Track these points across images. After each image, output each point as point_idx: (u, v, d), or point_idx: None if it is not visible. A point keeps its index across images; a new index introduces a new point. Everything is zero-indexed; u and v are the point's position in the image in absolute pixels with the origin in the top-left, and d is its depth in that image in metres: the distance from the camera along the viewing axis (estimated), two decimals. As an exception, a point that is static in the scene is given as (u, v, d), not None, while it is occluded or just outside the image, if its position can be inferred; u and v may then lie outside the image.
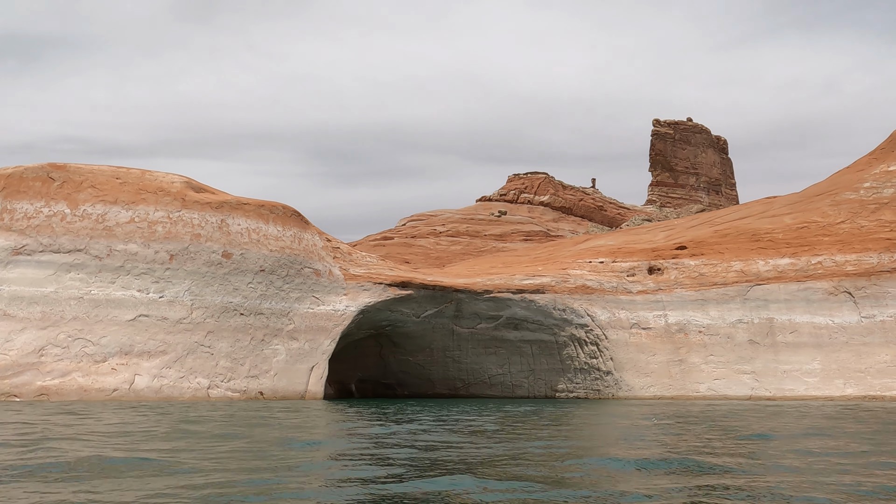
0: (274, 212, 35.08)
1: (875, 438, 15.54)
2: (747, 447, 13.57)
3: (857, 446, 13.58)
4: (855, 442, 14.46)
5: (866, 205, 43.24)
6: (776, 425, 19.08)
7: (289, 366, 32.70)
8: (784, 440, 15.07)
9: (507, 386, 40.73)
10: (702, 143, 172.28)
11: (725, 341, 39.98)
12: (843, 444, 14.06)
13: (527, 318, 39.41)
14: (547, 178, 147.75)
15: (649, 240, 47.22)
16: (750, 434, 16.23)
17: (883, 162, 45.41)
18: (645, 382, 39.34)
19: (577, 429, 18.15)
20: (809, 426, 18.83)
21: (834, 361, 38.72)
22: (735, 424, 19.26)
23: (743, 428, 18.05)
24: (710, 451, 12.69)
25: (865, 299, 39.67)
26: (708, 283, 41.87)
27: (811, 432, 16.94)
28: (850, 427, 18.45)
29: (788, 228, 43.77)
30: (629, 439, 15.14)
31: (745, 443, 14.48)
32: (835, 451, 12.57)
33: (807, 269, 41.17)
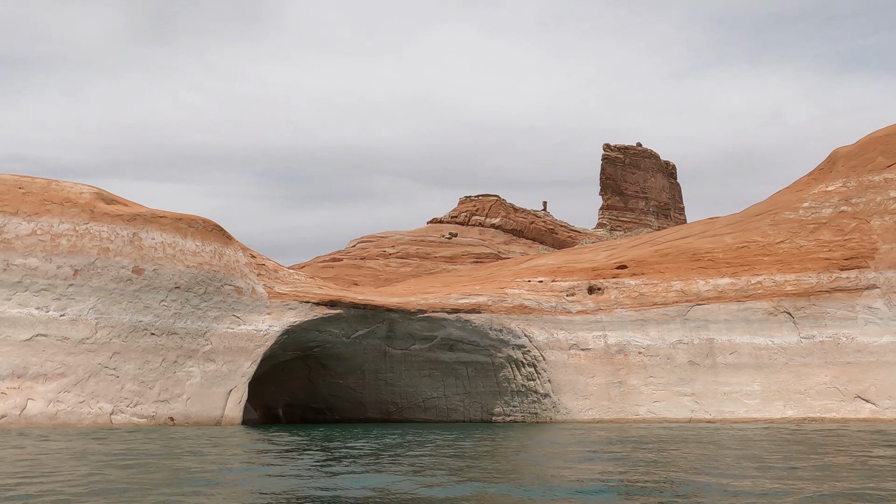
0: (193, 226, 33.15)
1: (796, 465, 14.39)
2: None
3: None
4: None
5: (805, 224, 42.96)
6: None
7: (204, 389, 30.63)
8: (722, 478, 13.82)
9: (441, 409, 39.10)
10: (651, 167, 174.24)
11: (665, 362, 39.03)
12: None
13: (462, 338, 37.96)
14: (498, 201, 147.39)
15: (590, 259, 46.31)
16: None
17: (822, 182, 45.30)
18: (583, 405, 38.11)
19: (501, 463, 16.68)
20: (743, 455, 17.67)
21: (774, 383, 38.01)
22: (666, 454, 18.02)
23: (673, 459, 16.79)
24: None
25: (805, 319, 39.15)
26: (648, 303, 40.99)
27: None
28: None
29: (728, 248, 43.23)
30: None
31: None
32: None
33: (747, 289, 40.58)
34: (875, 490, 10.73)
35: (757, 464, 14.42)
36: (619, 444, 19.60)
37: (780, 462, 15.11)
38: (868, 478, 12.30)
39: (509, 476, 12.19)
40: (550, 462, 14.52)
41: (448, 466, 13.29)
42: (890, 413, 35.95)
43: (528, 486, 10.20)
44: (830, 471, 13.19)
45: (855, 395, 36.94)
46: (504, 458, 15.84)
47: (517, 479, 11.57)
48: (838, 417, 36.47)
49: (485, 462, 14.78)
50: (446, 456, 15.49)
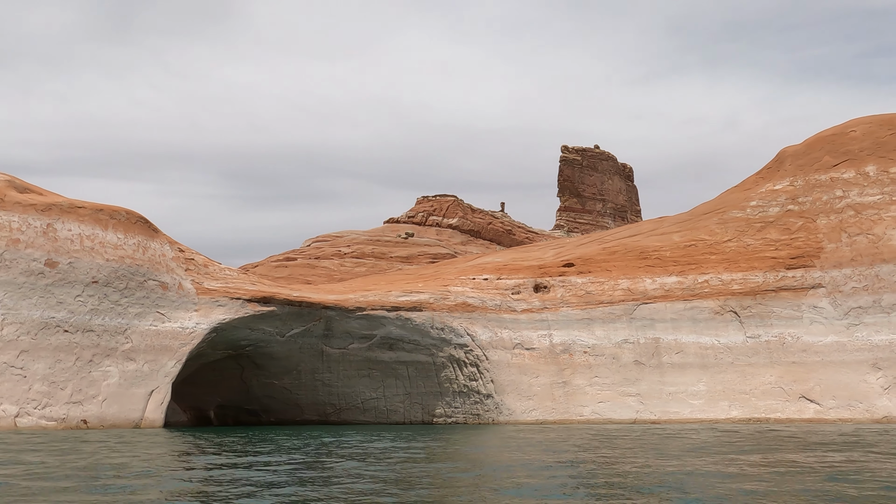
0: (115, 217, 31.36)
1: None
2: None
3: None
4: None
5: (753, 223, 42.56)
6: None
7: (122, 390, 28.88)
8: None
9: (381, 411, 37.77)
10: (608, 170, 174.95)
11: (611, 362, 38.22)
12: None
13: (403, 337, 36.68)
14: (456, 201, 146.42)
15: (538, 257, 45.39)
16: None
17: (769, 181, 44.99)
18: (527, 406, 37.09)
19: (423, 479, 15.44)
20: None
21: (719, 383, 37.42)
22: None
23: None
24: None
25: (751, 319, 38.66)
26: (595, 301, 40.17)
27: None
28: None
29: (676, 246, 42.64)
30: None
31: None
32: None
33: (694, 287, 39.99)
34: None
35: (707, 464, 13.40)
36: (563, 457, 18.54)
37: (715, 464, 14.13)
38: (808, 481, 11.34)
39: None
40: (490, 482, 13.29)
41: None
42: (834, 413, 35.57)
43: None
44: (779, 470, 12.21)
45: (800, 395, 36.52)
46: (435, 475, 14.62)
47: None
48: (783, 418, 36.00)
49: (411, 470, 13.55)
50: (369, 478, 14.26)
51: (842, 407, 35.56)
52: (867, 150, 42.88)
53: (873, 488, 10.63)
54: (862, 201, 40.69)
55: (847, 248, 39.25)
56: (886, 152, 42.24)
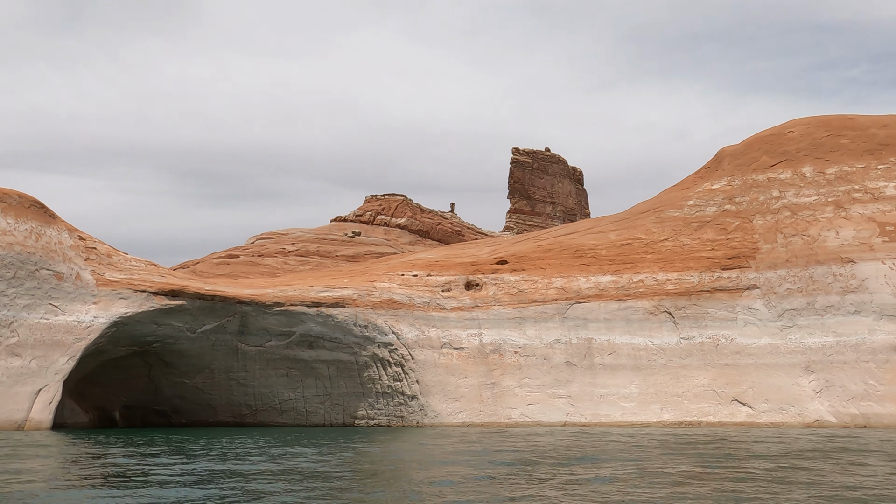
0: (5, 200, 28.90)
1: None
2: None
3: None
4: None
5: (690, 223, 41.70)
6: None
7: (4, 388, 26.48)
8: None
9: (300, 412, 35.81)
10: (559, 173, 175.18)
11: (542, 363, 36.88)
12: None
13: (324, 334, 34.80)
14: (405, 201, 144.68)
15: (472, 254, 43.92)
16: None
17: (707, 181, 44.25)
18: (453, 408, 35.52)
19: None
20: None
21: (652, 385, 36.35)
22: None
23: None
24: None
25: (685, 320, 37.71)
26: (527, 300, 38.82)
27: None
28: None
29: (612, 245, 41.56)
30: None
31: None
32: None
33: (628, 287, 38.91)
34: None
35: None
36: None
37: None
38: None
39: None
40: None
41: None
42: (766, 417, 34.73)
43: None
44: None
45: (732, 398, 35.63)
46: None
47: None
48: (715, 421, 35.05)
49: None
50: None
51: (774, 410, 34.76)
52: (804, 150, 42.40)
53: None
54: (798, 202, 40.12)
55: (782, 249, 38.60)
56: (823, 153, 41.79)
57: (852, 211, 38.60)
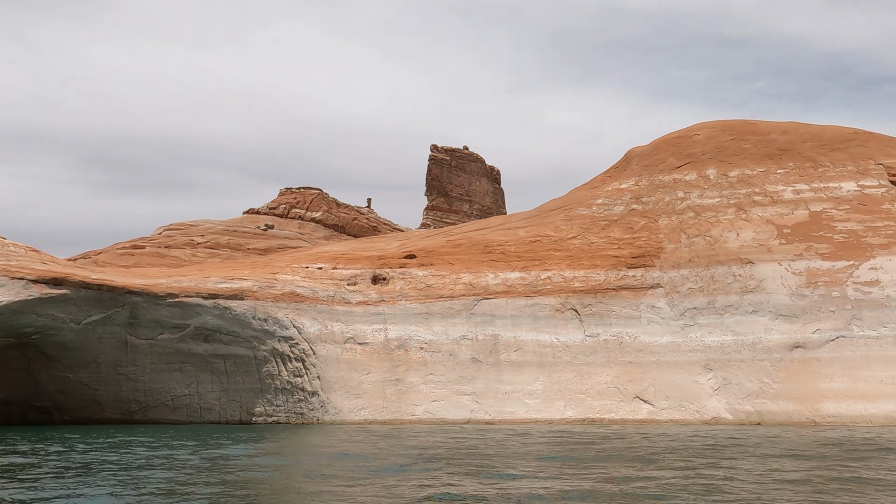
0: None
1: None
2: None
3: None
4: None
5: (597, 221, 41.97)
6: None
7: None
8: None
9: (194, 409, 34.18)
10: (476, 171, 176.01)
11: (447, 359, 36.35)
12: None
13: (220, 328, 33.29)
14: (320, 195, 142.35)
15: (380, 248, 43.04)
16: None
17: (616, 180, 44.70)
18: (355, 405, 34.58)
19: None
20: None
21: (556, 382, 36.32)
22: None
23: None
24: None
25: (591, 317, 37.84)
26: (435, 295, 38.23)
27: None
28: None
29: (521, 242, 41.42)
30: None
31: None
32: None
33: (536, 284, 38.80)
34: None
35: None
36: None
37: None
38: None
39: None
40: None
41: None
42: (666, 414, 35.14)
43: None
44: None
45: (634, 395, 35.91)
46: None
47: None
48: (617, 418, 35.26)
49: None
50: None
51: (673, 408, 35.20)
52: (709, 153, 43.29)
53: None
54: (702, 203, 40.89)
55: (686, 248, 39.22)
56: (726, 157, 42.76)
57: (752, 213, 39.57)
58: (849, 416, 32.18)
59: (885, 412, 31.88)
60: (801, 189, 40.08)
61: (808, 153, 41.81)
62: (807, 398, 33.33)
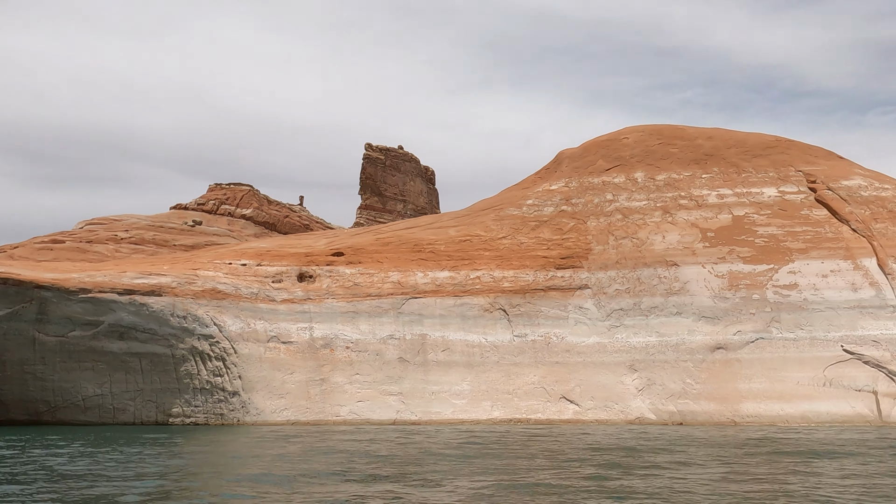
0: None
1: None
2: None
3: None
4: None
5: (528, 221, 42.00)
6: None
7: None
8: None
9: (107, 410, 32.71)
10: (411, 171, 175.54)
11: (374, 358, 35.76)
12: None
13: (136, 325, 31.94)
14: (251, 191, 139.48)
15: (308, 245, 42.13)
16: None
17: (547, 181, 44.86)
18: (278, 405, 33.67)
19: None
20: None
21: (483, 382, 36.13)
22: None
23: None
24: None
25: (519, 318, 37.79)
26: (362, 293, 37.58)
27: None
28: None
29: (451, 241, 41.12)
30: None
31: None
32: None
33: (465, 283, 38.55)
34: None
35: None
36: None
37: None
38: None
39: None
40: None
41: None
42: (591, 414, 35.32)
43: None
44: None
45: (560, 395, 35.99)
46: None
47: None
48: (543, 419, 35.28)
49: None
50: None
51: (599, 408, 35.41)
52: (637, 157, 43.84)
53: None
54: (629, 206, 41.34)
55: (613, 250, 39.57)
56: (654, 160, 43.36)
57: (678, 217, 40.20)
58: (767, 416, 32.90)
59: (801, 412, 32.71)
60: (725, 194, 40.92)
61: (732, 159, 42.73)
62: (727, 398, 33.96)
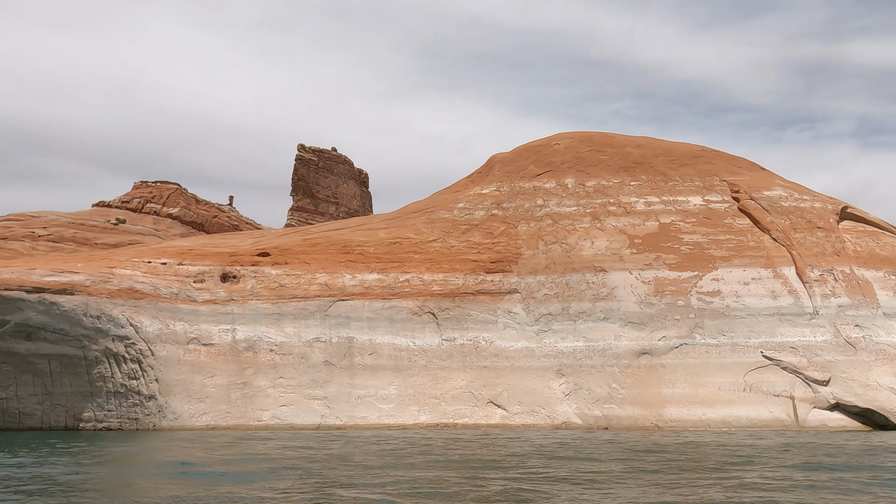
0: None
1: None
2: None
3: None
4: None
5: (458, 225, 41.76)
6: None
7: None
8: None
9: (11, 414, 30.96)
10: (344, 173, 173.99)
11: (299, 362, 34.88)
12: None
13: (46, 325, 30.34)
14: (179, 190, 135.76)
15: (233, 244, 40.93)
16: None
17: (478, 185, 44.74)
18: (197, 409, 32.47)
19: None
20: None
21: (411, 387, 35.64)
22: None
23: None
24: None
25: (448, 321, 37.46)
26: (288, 295, 36.65)
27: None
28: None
29: (381, 243, 40.55)
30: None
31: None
32: None
33: (394, 286, 38.02)
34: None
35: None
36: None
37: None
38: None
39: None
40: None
41: None
42: (518, 419, 35.22)
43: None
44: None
45: (488, 400, 35.79)
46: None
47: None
48: (470, 423, 35.01)
49: None
50: None
51: (526, 413, 35.34)
52: (568, 163, 44.13)
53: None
54: (559, 211, 41.53)
55: (543, 255, 39.65)
56: (584, 167, 43.71)
57: (607, 223, 40.57)
58: (689, 421, 33.37)
59: (722, 417, 33.29)
60: (652, 201, 41.51)
61: (659, 167, 43.41)
62: (652, 403, 34.33)
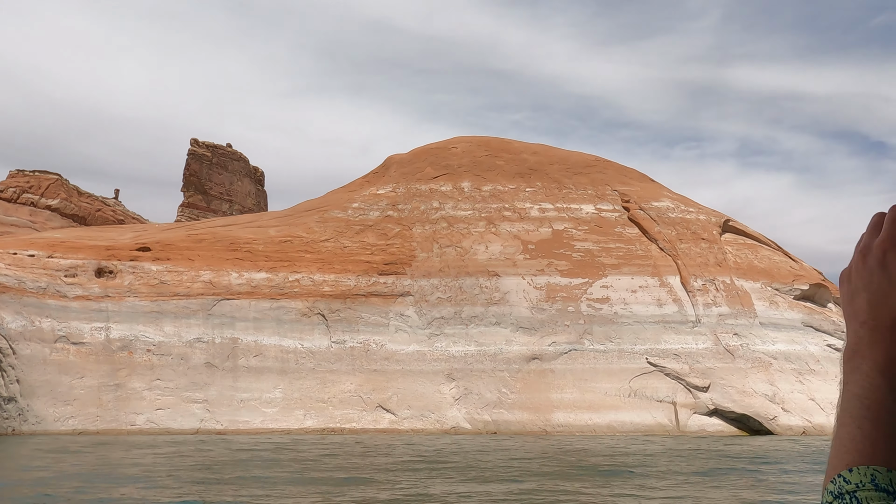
0: None
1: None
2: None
3: None
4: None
5: (352, 225, 40.88)
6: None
7: None
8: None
9: None
10: (239, 171, 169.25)
11: (178, 363, 33.12)
12: None
13: None
14: (59, 181, 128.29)
15: (110, 238, 38.60)
16: None
17: (374, 185, 44.00)
18: (63, 413, 30.25)
19: None
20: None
21: (297, 390, 34.47)
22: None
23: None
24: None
25: (338, 323, 36.51)
26: (169, 292, 34.79)
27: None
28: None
29: (271, 241, 39.17)
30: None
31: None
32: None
33: (283, 286, 36.75)
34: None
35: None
36: None
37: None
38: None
39: None
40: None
41: None
42: (408, 423, 34.63)
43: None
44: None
45: (377, 404, 35.05)
46: None
47: None
48: (358, 428, 34.15)
49: None
50: None
51: (415, 417, 34.81)
52: (465, 167, 44.03)
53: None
54: (455, 214, 41.32)
55: (437, 258, 39.30)
56: (481, 171, 43.72)
57: (501, 228, 40.65)
58: (576, 426, 33.68)
59: (608, 422, 33.78)
60: (546, 208, 41.90)
61: (554, 175, 43.92)
62: (540, 408, 34.48)
